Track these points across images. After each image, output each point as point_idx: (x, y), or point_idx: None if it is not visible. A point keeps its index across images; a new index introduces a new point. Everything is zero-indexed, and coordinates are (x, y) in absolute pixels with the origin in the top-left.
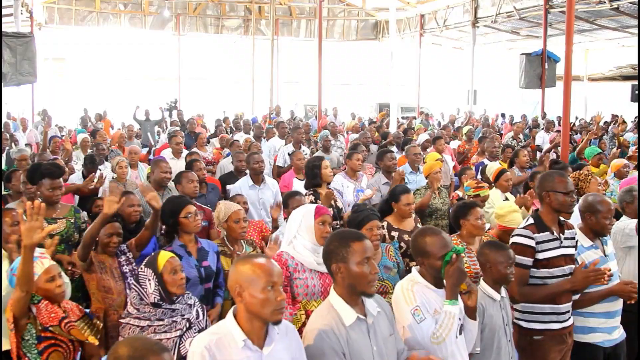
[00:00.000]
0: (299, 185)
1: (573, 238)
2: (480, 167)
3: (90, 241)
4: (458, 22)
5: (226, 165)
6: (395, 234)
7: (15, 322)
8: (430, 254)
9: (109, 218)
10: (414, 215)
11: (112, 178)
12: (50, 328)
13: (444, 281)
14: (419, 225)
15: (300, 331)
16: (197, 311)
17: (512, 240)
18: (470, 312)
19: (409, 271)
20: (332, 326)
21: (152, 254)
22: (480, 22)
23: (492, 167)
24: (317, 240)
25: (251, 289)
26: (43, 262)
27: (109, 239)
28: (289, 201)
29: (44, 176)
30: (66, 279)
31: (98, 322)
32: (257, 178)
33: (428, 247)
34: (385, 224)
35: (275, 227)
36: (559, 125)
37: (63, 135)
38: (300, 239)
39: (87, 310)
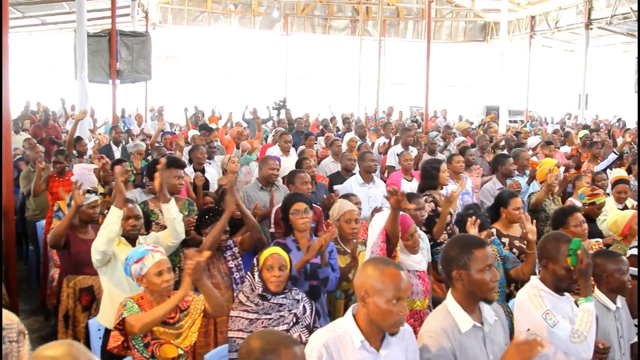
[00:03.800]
0: (406, 185)
1: None
2: (592, 174)
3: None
4: (570, 24)
5: (327, 164)
6: (505, 240)
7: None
8: (558, 261)
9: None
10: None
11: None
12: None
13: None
14: None
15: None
16: (303, 306)
17: (631, 252)
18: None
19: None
20: (447, 331)
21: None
22: (594, 24)
23: (615, 173)
24: (410, 251)
25: (377, 298)
26: (154, 255)
27: None
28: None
29: (171, 165)
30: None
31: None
32: (368, 176)
33: (560, 255)
34: (494, 230)
35: None
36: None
37: (174, 132)
38: None
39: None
